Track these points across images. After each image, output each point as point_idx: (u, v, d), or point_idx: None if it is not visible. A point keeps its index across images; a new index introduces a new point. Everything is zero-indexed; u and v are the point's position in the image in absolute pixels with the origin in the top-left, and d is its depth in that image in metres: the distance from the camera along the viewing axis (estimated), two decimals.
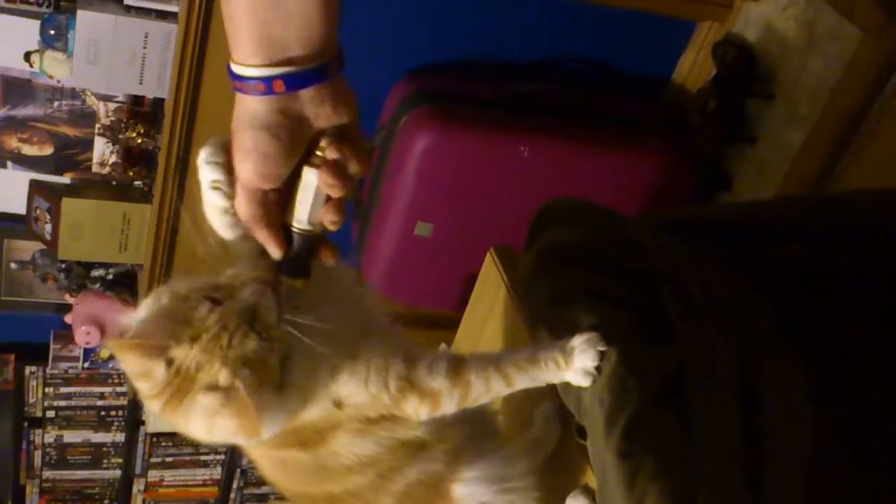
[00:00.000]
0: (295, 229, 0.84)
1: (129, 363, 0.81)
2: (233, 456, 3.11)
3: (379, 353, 0.92)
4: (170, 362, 0.80)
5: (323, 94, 0.78)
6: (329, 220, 0.83)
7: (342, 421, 0.92)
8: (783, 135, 2.22)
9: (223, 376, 0.79)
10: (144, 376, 0.81)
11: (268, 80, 0.75)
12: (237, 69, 0.76)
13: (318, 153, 0.81)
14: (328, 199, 0.83)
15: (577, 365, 0.93)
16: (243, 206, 0.82)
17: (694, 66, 2.51)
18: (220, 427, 0.81)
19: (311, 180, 0.81)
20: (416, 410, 0.94)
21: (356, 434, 0.93)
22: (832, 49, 2.07)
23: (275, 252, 0.84)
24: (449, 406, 0.94)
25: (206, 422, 0.81)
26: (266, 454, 0.99)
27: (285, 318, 0.82)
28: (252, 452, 1.01)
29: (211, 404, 0.80)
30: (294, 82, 0.76)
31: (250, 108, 0.77)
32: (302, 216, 0.83)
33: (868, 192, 1.29)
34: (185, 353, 0.80)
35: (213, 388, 0.80)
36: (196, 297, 0.82)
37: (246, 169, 0.79)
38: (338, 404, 0.91)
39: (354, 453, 0.94)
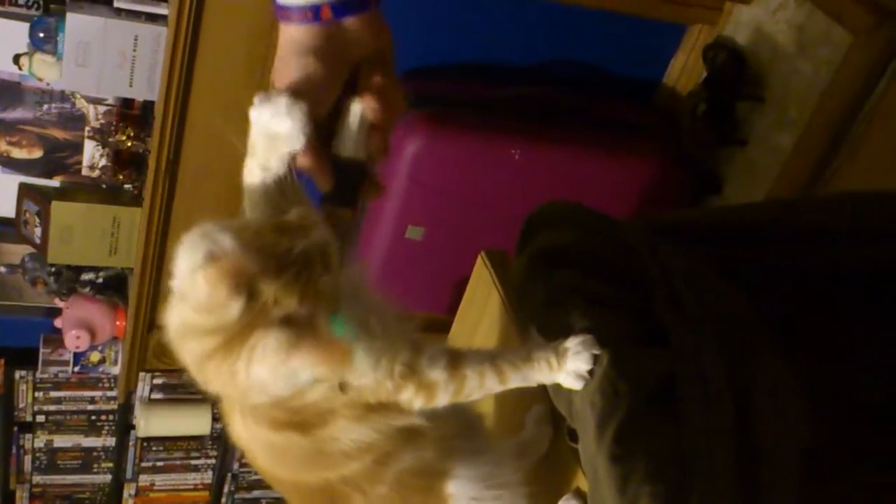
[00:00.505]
0: (342, 157, 0.85)
1: (206, 293, 0.76)
2: (224, 460, 3.10)
3: (390, 339, 0.92)
4: (251, 296, 0.77)
5: (365, 22, 0.82)
6: (375, 146, 0.86)
7: (340, 406, 0.92)
8: (773, 138, 2.22)
9: (305, 308, 0.77)
10: (211, 310, 0.77)
11: (315, 8, 0.79)
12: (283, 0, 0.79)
13: (362, 80, 0.83)
14: (373, 127, 0.85)
15: (570, 367, 0.93)
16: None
17: (685, 70, 2.51)
18: (298, 361, 0.78)
19: (355, 108, 0.84)
20: (412, 400, 0.93)
21: (354, 420, 0.93)
22: (822, 52, 2.08)
23: (323, 182, 0.85)
24: (443, 398, 0.94)
25: (279, 359, 0.77)
26: (264, 439, 0.97)
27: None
28: (249, 441, 0.99)
29: (287, 338, 0.77)
30: (341, 9, 0.80)
31: (295, 38, 0.81)
32: (348, 144, 0.84)
33: (862, 193, 1.29)
34: (268, 287, 0.77)
35: (291, 321, 0.77)
36: (271, 234, 0.79)
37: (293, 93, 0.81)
38: (343, 387, 0.90)
39: (352, 438, 0.94)
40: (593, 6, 2.33)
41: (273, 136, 0.83)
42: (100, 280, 2.63)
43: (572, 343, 0.93)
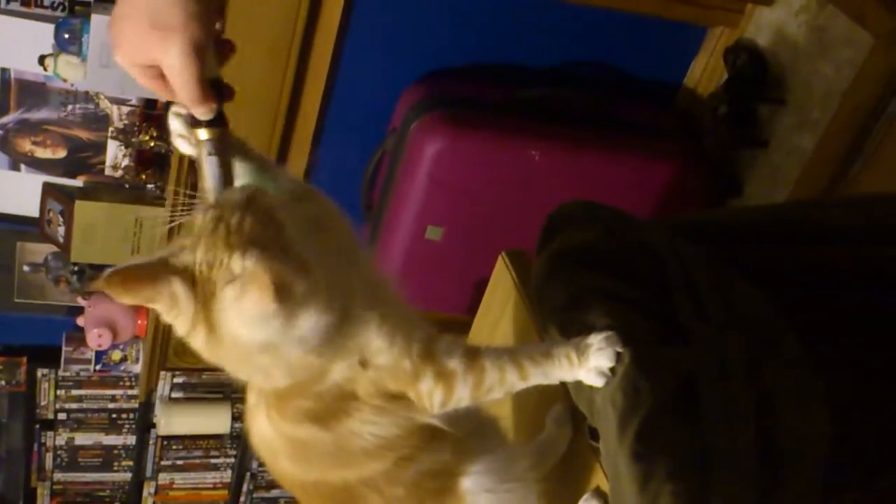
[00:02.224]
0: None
1: (147, 299, 0.82)
2: (243, 459, 3.12)
3: (406, 318, 0.94)
4: (183, 275, 0.81)
5: None
6: (229, 55, 0.89)
7: (362, 392, 0.92)
8: (794, 140, 2.21)
9: (235, 262, 0.80)
10: (173, 307, 0.82)
11: None
12: None
13: None
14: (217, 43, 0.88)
15: (593, 363, 0.93)
16: (188, 77, 0.84)
17: (705, 71, 2.51)
18: (251, 310, 0.80)
19: None
20: (431, 392, 0.93)
21: (375, 412, 0.93)
22: (844, 54, 2.07)
23: (213, 108, 0.87)
24: (462, 391, 0.94)
25: (240, 314, 0.81)
26: (288, 435, 0.98)
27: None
28: (272, 440, 1.00)
29: (234, 293, 0.80)
30: None
31: None
32: (210, 67, 0.87)
33: (889, 195, 1.28)
34: (191, 259, 0.81)
35: (232, 278, 0.80)
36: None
37: (193, 34, 0.81)
38: (364, 363, 0.91)
39: (373, 433, 0.94)
40: (614, 8, 2.33)
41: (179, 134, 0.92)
42: None
43: (595, 339, 0.93)
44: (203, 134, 0.89)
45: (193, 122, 0.89)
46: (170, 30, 0.81)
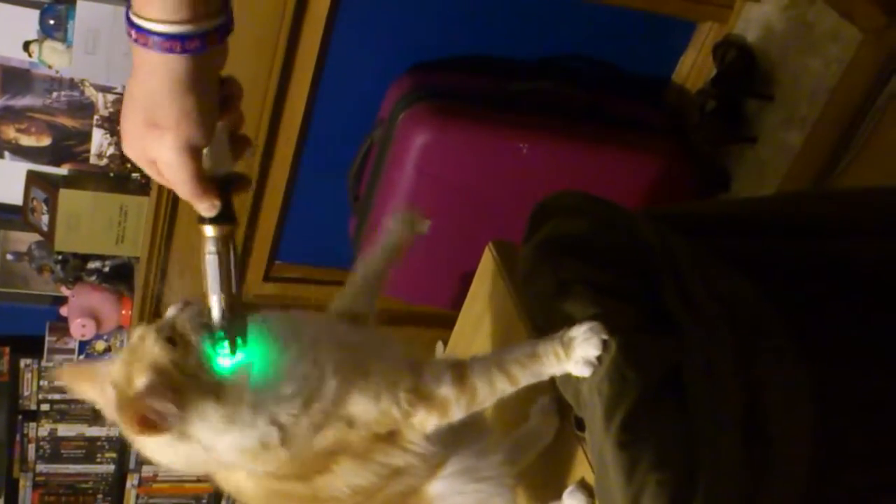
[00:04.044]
0: (219, 176, 0.85)
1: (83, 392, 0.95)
2: None
3: (385, 368, 0.94)
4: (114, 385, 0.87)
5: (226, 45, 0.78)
6: (242, 149, 0.87)
7: (352, 442, 0.93)
8: (783, 135, 2.22)
9: (138, 382, 0.84)
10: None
11: (182, 38, 0.73)
12: (144, 23, 0.73)
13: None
14: (233, 136, 0.86)
15: (578, 354, 0.93)
16: (184, 176, 0.80)
17: (694, 67, 2.51)
18: (125, 429, 0.85)
19: (220, 125, 0.83)
20: (424, 422, 0.95)
21: (358, 465, 0.94)
22: (832, 50, 2.08)
23: (215, 206, 0.84)
24: (457, 413, 0.96)
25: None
26: (266, 487, 0.98)
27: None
28: (251, 490, 0.99)
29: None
30: (203, 42, 0.74)
31: (172, 68, 0.74)
32: (224, 162, 0.85)
33: (876, 189, 1.29)
34: (116, 371, 0.87)
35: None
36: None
37: (185, 133, 0.78)
38: (350, 423, 0.91)
39: (351, 484, 0.95)
40: (604, 2, 2.32)
41: None
42: (106, 269, 2.63)
43: (579, 331, 0.93)
44: (208, 231, 0.85)
45: (199, 219, 0.85)
46: (163, 128, 0.77)
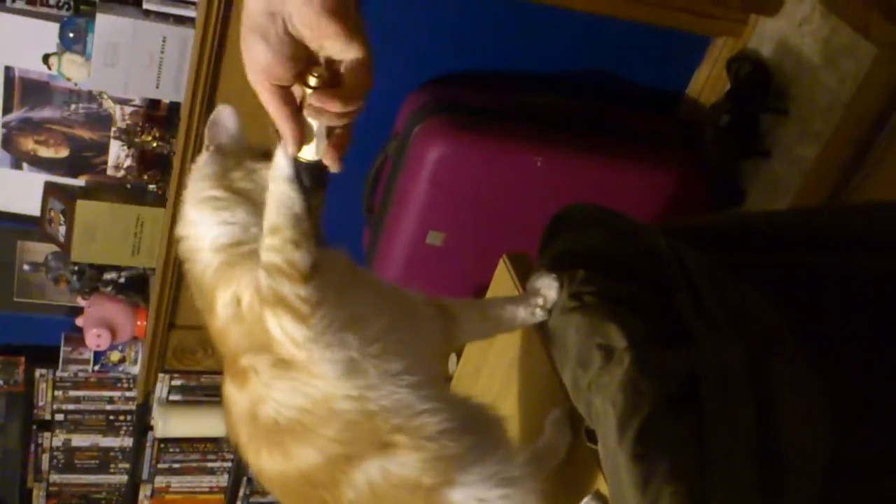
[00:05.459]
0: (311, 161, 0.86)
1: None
2: (239, 463, 3.11)
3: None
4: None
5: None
6: (329, 157, 0.87)
7: None
8: (797, 150, 2.21)
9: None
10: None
11: None
12: None
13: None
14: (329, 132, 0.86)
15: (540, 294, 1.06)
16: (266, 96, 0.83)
17: (708, 81, 2.51)
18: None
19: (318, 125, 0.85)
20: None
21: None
22: (847, 65, 2.07)
23: (290, 146, 0.85)
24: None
25: None
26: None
27: None
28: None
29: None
30: None
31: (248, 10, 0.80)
32: (319, 148, 0.86)
33: (889, 203, 1.29)
34: None
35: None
36: None
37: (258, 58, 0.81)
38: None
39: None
40: (618, 17, 2.33)
41: None
42: (122, 280, 2.64)
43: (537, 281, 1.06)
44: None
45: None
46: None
